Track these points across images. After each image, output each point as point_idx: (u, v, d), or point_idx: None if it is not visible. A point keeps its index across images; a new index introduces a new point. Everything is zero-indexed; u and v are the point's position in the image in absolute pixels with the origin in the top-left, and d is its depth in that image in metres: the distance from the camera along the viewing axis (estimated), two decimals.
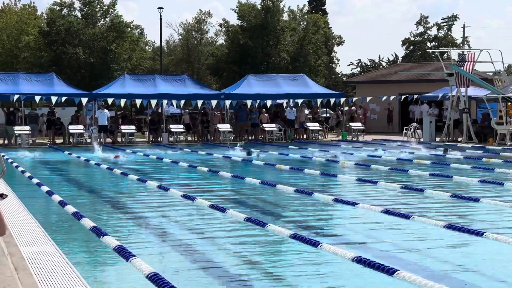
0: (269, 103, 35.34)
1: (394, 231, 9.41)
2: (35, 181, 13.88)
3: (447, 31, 73.00)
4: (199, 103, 32.16)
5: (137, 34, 54.04)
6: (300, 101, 34.26)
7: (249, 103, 33.56)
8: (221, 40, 59.82)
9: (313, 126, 33.67)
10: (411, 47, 72.65)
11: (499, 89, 28.45)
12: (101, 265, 7.62)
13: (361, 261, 6.12)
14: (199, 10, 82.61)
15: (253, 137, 33.26)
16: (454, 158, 20.74)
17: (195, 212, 11.00)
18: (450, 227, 8.19)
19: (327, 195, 11.83)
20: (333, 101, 34.28)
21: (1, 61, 49.05)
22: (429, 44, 71.87)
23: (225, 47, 53.07)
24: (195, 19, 61.88)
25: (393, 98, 34.96)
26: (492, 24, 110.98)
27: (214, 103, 32.28)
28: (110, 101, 30.68)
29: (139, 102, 33.31)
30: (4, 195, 4.94)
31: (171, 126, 31.83)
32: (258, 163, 19.34)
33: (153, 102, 31.54)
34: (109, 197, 13.55)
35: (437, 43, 71.12)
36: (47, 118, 31.61)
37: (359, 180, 14.42)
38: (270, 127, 32.82)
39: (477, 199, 10.61)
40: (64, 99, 29.99)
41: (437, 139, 30.02)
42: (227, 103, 32.57)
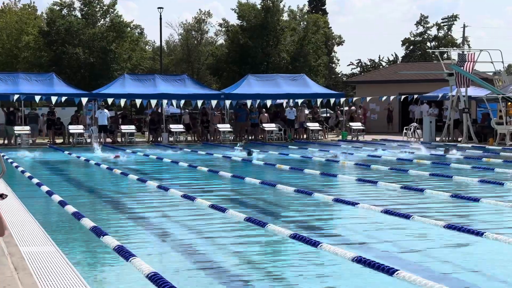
0: (269, 103, 35.32)
1: (394, 231, 9.40)
2: (35, 181, 13.88)
3: (447, 31, 73.02)
4: (199, 103, 32.17)
5: (137, 34, 54.04)
6: (300, 101, 34.26)
7: (249, 103, 33.55)
8: (221, 40, 59.90)
9: (313, 126, 33.66)
10: (411, 47, 72.66)
11: (499, 89, 28.45)
12: (101, 265, 7.61)
13: (361, 261, 6.12)
14: (199, 10, 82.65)
15: (253, 137, 33.26)
16: (454, 158, 20.74)
17: (195, 212, 10.99)
18: (450, 227, 8.18)
19: (327, 195, 11.83)
20: (333, 101, 34.30)
21: (1, 61, 49.04)
22: (429, 44, 71.87)
23: (225, 47, 53.06)
24: (195, 19, 61.89)
25: (393, 98, 34.95)
26: (492, 24, 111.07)
27: (214, 103, 32.27)
28: (110, 101, 30.68)
29: (139, 102, 33.32)
30: (4, 195, 4.94)
31: (171, 126, 31.82)
32: (258, 163, 19.34)
33: (153, 102, 31.54)
34: (109, 197, 13.55)
35: (437, 43, 71.12)
36: (47, 118, 31.61)
37: (359, 180, 14.42)
38: (270, 127, 32.82)
39: (477, 199, 10.61)
40: (64, 99, 30.00)
41: (437, 139, 30.02)
42: (227, 103, 32.57)
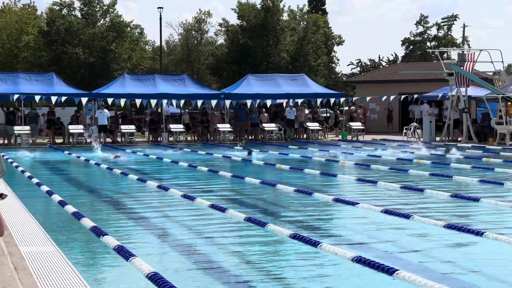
0: (269, 103, 35.32)
1: (394, 231, 9.40)
2: (35, 181, 13.88)
3: (447, 31, 73.03)
4: (199, 103, 32.18)
5: (137, 34, 54.03)
6: (300, 101, 34.26)
7: (249, 103, 33.55)
8: (221, 40, 59.88)
9: (313, 126, 33.67)
10: (411, 47, 72.67)
11: (499, 89, 28.45)
12: (101, 265, 7.61)
13: (361, 261, 6.12)
14: (199, 10, 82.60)
15: (253, 137, 33.26)
16: (454, 158, 20.74)
17: (195, 212, 10.99)
18: (450, 227, 8.18)
19: (327, 195, 11.83)
20: (333, 101, 34.30)
21: (1, 61, 49.02)
22: (429, 44, 71.88)
23: (225, 47, 53.05)
24: (195, 19, 61.86)
25: (393, 98, 34.95)
26: (492, 24, 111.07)
27: (214, 103, 32.27)
28: (110, 101, 30.68)
29: (139, 102, 33.33)
30: (4, 195, 4.94)
31: (171, 126, 31.83)
32: (258, 163, 19.34)
33: (153, 102, 31.54)
34: (109, 197, 13.54)
35: (437, 43, 71.12)
36: (47, 118, 31.61)
37: (359, 180, 14.41)
38: (270, 127, 32.82)
39: (477, 199, 10.60)
40: (64, 99, 30.01)
41: (437, 139, 30.02)
42: (227, 103, 32.56)
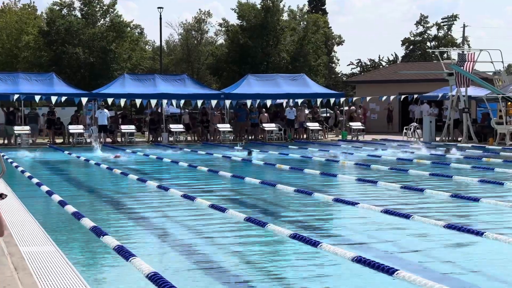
0: (269, 103, 35.32)
1: (394, 231, 9.40)
2: (35, 181, 13.88)
3: (447, 31, 73.01)
4: (199, 103, 32.18)
5: (137, 34, 54.02)
6: (300, 101, 34.26)
7: (249, 103, 33.55)
8: (221, 40, 59.87)
9: (313, 126, 33.67)
10: (411, 47, 72.66)
11: (499, 89, 28.45)
12: (101, 265, 7.61)
13: (361, 261, 6.12)
14: (199, 10, 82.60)
15: (253, 137, 33.26)
16: (454, 158, 20.74)
17: (195, 212, 10.99)
18: (450, 227, 8.18)
19: (327, 195, 11.82)
20: (333, 101, 34.30)
21: (1, 60, 49.02)
22: (429, 44, 71.87)
23: (225, 47, 53.05)
24: (195, 18, 61.85)
25: (393, 98, 34.95)
26: (492, 24, 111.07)
27: (214, 103, 32.27)
28: (110, 101, 30.68)
29: (139, 102, 33.32)
30: (3, 195, 4.94)
31: (171, 126, 31.82)
32: (258, 163, 19.34)
33: (153, 102, 31.54)
34: (109, 197, 13.54)
35: (437, 43, 71.11)
36: (47, 118, 31.60)
37: (359, 180, 14.41)
38: (270, 127, 32.82)
39: (477, 199, 10.60)
40: (64, 98, 30.00)
41: (437, 139, 30.02)
42: (227, 103, 32.56)
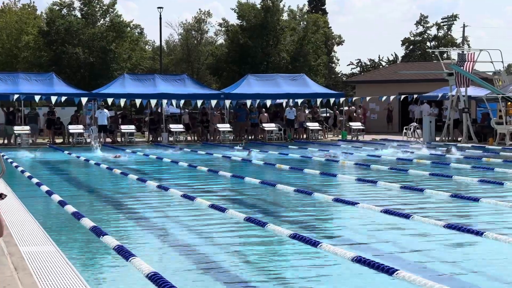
0: (268, 103, 35.31)
1: (394, 231, 9.40)
2: (35, 181, 13.87)
3: (447, 30, 73.02)
4: (199, 103, 32.17)
5: (137, 33, 54.00)
6: (300, 101, 34.26)
7: (248, 103, 33.55)
8: (221, 40, 59.88)
9: (313, 126, 33.67)
10: (411, 47, 72.67)
11: (499, 89, 28.44)
12: (101, 265, 7.61)
13: (361, 261, 6.12)
14: (199, 9, 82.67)
15: (253, 137, 33.25)
16: (454, 158, 20.74)
17: (195, 212, 10.99)
18: (450, 227, 8.18)
19: (327, 195, 11.82)
20: (332, 101, 34.31)
21: (1, 60, 49.02)
22: (429, 43, 71.88)
23: (225, 47, 53.05)
24: (195, 18, 61.86)
25: (393, 98, 34.94)
26: (492, 24, 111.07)
27: (214, 103, 32.27)
28: (109, 101, 30.68)
29: (139, 102, 33.32)
30: (3, 195, 4.95)
31: (171, 126, 31.82)
32: (258, 163, 19.34)
33: (153, 102, 31.54)
34: (109, 197, 13.54)
35: (437, 43, 71.12)
36: (47, 118, 31.60)
37: (359, 180, 14.41)
38: (270, 127, 32.82)
39: (477, 199, 10.60)
40: (64, 98, 30.01)
41: (437, 139, 30.02)
42: (227, 103, 32.57)
